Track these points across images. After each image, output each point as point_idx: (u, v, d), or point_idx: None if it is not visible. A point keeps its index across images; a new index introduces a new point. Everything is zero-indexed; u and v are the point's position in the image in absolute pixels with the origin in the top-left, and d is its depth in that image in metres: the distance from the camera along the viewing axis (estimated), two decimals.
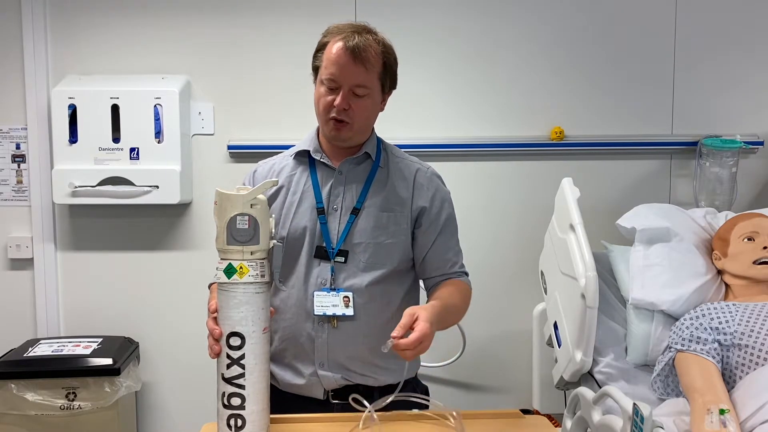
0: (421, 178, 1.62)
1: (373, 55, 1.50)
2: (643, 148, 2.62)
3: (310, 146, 1.63)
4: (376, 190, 1.58)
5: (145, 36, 2.55)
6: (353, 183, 1.59)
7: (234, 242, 1.26)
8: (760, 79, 2.65)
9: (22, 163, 2.56)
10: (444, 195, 1.65)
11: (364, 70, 1.49)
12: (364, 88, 1.51)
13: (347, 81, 1.49)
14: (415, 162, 1.67)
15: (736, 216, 2.06)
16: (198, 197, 2.58)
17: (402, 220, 1.58)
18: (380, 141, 1.67)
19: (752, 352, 1.59)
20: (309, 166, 1.62)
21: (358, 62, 1.48)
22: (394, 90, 1.62)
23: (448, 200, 1.66)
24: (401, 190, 1.59)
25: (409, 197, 1.59)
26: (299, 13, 2.55)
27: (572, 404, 1.46)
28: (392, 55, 1.56)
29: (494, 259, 2.63)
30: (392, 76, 1.58)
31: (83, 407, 2.24)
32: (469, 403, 2.65)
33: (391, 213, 1.56)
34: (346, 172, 1.60)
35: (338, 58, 1.48)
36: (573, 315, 1.84)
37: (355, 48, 1.47)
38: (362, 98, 1.52)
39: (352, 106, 1.51)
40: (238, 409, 1.26)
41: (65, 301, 2.60)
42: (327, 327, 1.53)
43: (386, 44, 1.55)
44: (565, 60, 2.61)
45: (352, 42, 1.47)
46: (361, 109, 1.53)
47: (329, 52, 1.50)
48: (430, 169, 1.67)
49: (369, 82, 1.51)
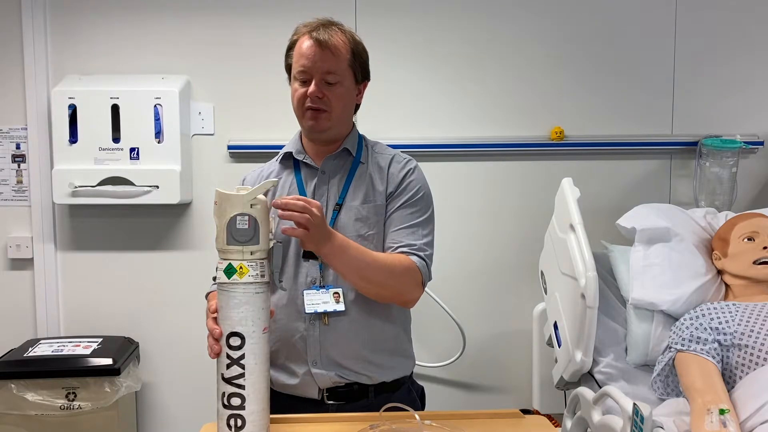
0: (393, 167, 1.63)
1: (339, 42, 1.54)
2: (643, 148, 2.62)
3: (293, 148, 1.65)
4: (357, 185, 1.60)
5: (145, 36, 2.55)
6: (335, 179, 1.61)
7: (234, 242, 1.26)
8: (760, 79, 2.65)
9: (22, 163, 2.56)
10: (413, 181, 1.62)
11: (332, 56, 1.53)
12: (334, 75, 1.54)
13: (317, 69, 1.53)
14: (393, 153, 1.68)
15: (736, 216, 2.06)
16: (198, 197, 2.58)
17: (380, 209, 1.59)
18: (362, 138, 1.68)
19: (752, 352, 1.59)
20: (293, 168, 1.64)
21: (325, 50, 1.52)
22: (368, 81, 1.65)
23: (417, 188, 1.62)
24: (377, 181, 1.61)
25: (384, 186, 1.61)
26: (299, 14, 2.51)
27: (572, 404, 1.46)
28: (360, 45, 1.60)
29: (494, 259, 2.63)
30: (363, 66, 1.61)
31: (83, 407, 2.24)
32: (469, 403, 2.65)
33: (371, 204, 1.58)
34: (328, 170, 1.62)
35: (306, 50, 1.53)
36: (573, 315, 1.84)
37: (320, 38, 1.52)
38: (334, 86, 1.55)
39: (326, 94, 1.54)
40: (238, 409, 1.26)
41: (65, 301, 2.60)
42: (319, 325, 1.54)
43: (353, 34, 1.60)
44: (566, 60, 2.61)
45: (317, 34, 1.53)
46: (336, 97, 1.55)
47: (299, 47, 1.55)
48: (405, 159, 1.67)
49: (339, 69, 1.55)
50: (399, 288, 1.54)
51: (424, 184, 1.65)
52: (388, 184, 1.61)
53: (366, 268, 1.48)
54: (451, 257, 2.54)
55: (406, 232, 1.57)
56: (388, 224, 1.59)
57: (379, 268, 1.50)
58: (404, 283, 1.53)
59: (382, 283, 1.51)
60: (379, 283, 1.50)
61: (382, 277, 1.50)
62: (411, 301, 1.59)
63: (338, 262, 1.46)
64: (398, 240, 1.56)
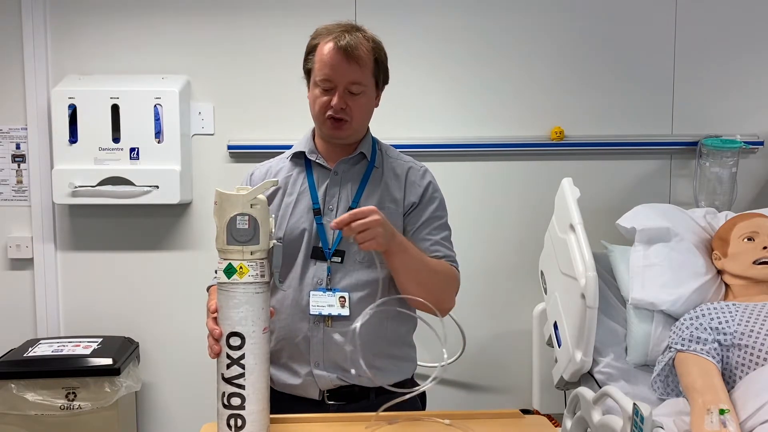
0: (413, 176, 1.63)
1: (364, 52, 1.52)
2: (643, 148, 2.62)
3: (305, 147, 1.64)
4: (371, 189, 1.59)
5: (145, 36, 2.55)
6: (348, 183, 1.60)
7: (234, 242, 1.26)
8: (760, 79, 2.65)
9: (22, 163, 2.56)
10: (434, 192, 1.64)
11: (357, 68, 1.51)
12: (359, 85, 1.52)
13: (342, 80, 1.51)
14: (409, 161, 1.68)
15: (736, 216, 2.06)
16: (198, 197, 2.58)
17: (396, 217, 1.58)
18: (375, 141, 1.68)
19: (752, 352, 1.59)
20: (305, 168, 1.63)
21: (351, 61, 1.50)
22: (387, 85, 1.64)
23: (439, 198, 1.64)
24: (394, 189, 1.60)
25: (402, 195, 1.60)
26: (299, 13, 2.55)
27: (572, 404, 1.47)
28: (382, 50, 1.59)
29: (494, 259, 2.63)
30: (385, 71, 1.60)
31: (83, 407, 2.24)
32: (469, 403, 2.65)
33: (385, 211, 1.56)
34: (342, 172, 1.61)
35: (331, 59, 1.50)
36: (573, 315, 1.84)
37: (347, 47, 1.49)
38: (358, 96, 1.54)
39: (349, 105, 1.53)
40: (237, 409, 1.26)
41: (65, 301, 2.60)
42: (322, 327, 1.54)
43: (375, 40, 1.57)
44: (566, 60, 2.61)
45: (343, 41, 1.49)
46: (358, 107, 1.55)
47: (321, 53, 1.52)
48: (423, 168, 1.67)
49: (363, 80, 1.53)
50: (443, 296, 1.55)
51: (442, 194, 1.66)
52: (409, 194, 1.60)
53: (423, 270, 1.49)
54: None
55: (441, 243, 1.59)
56: (418, 236, 1.58)
57: (434, 272, 1.52)
58: (449, 292, 1.57)
59: (431, 289, 1.50)
60: (429, 288, 1.50)
61: (434, 282, 1.51)
62: (448, 309, 1.60)
63: (399, 261, 1.45)
64: (436, 250, 1.57)
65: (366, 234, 1.35)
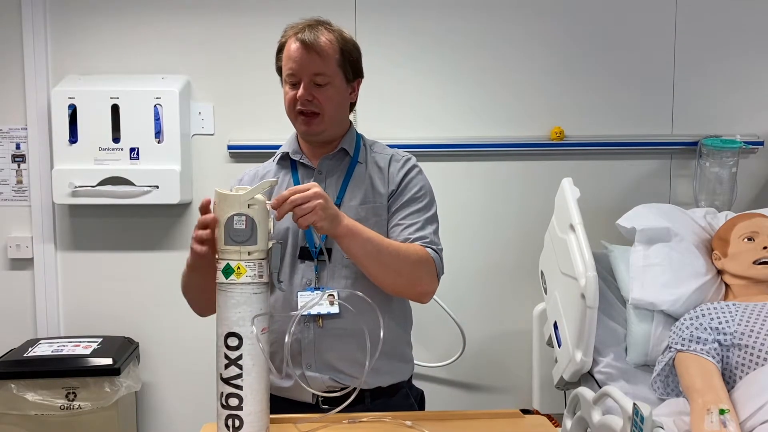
0: (393, 166, 1.62)
1: (325, 42, 1.53)
2: (643, 148, 2.61)
3: (289, 148, 1.65)
4: (355, 185, 1.59)
5: (145, 36, 2.55)
6: (332, 179, 1.60)
7: (231, 242, 1.25)
8: (760, 79, 2.64)
9: (22, 163, 2.56)
10: (413, 178, 1.61)
11: (319, 59, 1.52)
12: (323, 76, 1.53)
13: (305, 71, 1.52)
14: (392, 152, 1.66)
15: (736, 216, 2.05)
16: (198, 197, 2.58)
17: (381, 210, 1.57)
18: (360, 137, 1.67)
19: (752, 352, 1.59)
20: (291, 169, 1.64)
21: (311, 51, 1.51)
22: (361, 78, 1.63)
23: (420, 185, 1.61)
24: (378, 182, 1.60)
25: (385, 187, 1.59)
26: (300, 13, 2.52)
27: (572, 404, 1.46)
28: (349, 42, 1.58)
29: (494, 259, 2.63)
30: (353, 64, 1.59)
31: (83, 407, 2.24)
32: (469, 403, 2.65)
33: (369, 205, 1.56)
34: (326, 170, 1.61)
35: (293, 53, 1.53)
36: (573, 315, 1.84)
37: (306, 39, 1.51)
38: (324, 87, 1.54)
39: (316, 96, 1.53)
40: (235, 409, 1.25)
41: (65, 301, 2.60)
42: (313, 327, 1.53)
43: (341, 32, 1.58)
44: (565, 60, 2.60)
45: (303, 35, 1.52)
46: (326, 98, 1.54)
47: (287, 50, 1.55)
48: (405, 157, 1.66)
49: (327, 71, 1.53)
50: (415, 276, 1.49)
51: (426, 182, 1.63)
52: (389, 184, 1.59)
53: (383, 251, 1.44)
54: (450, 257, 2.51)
55: (414, 227, 1.54)
56: (392, 222, 1.56)
57: (396, 253, 1.45)
58: (421, 272, 1.49)
59: (398, 270, 1.46)
60: (396, 270, 1.46)
61: (399, 263, 1.46)
62: (427, 293, 1.54)
63: (353, 244, 1.41)
64: (408, 235, 1.53)
65: (304, 207, 1.31)
